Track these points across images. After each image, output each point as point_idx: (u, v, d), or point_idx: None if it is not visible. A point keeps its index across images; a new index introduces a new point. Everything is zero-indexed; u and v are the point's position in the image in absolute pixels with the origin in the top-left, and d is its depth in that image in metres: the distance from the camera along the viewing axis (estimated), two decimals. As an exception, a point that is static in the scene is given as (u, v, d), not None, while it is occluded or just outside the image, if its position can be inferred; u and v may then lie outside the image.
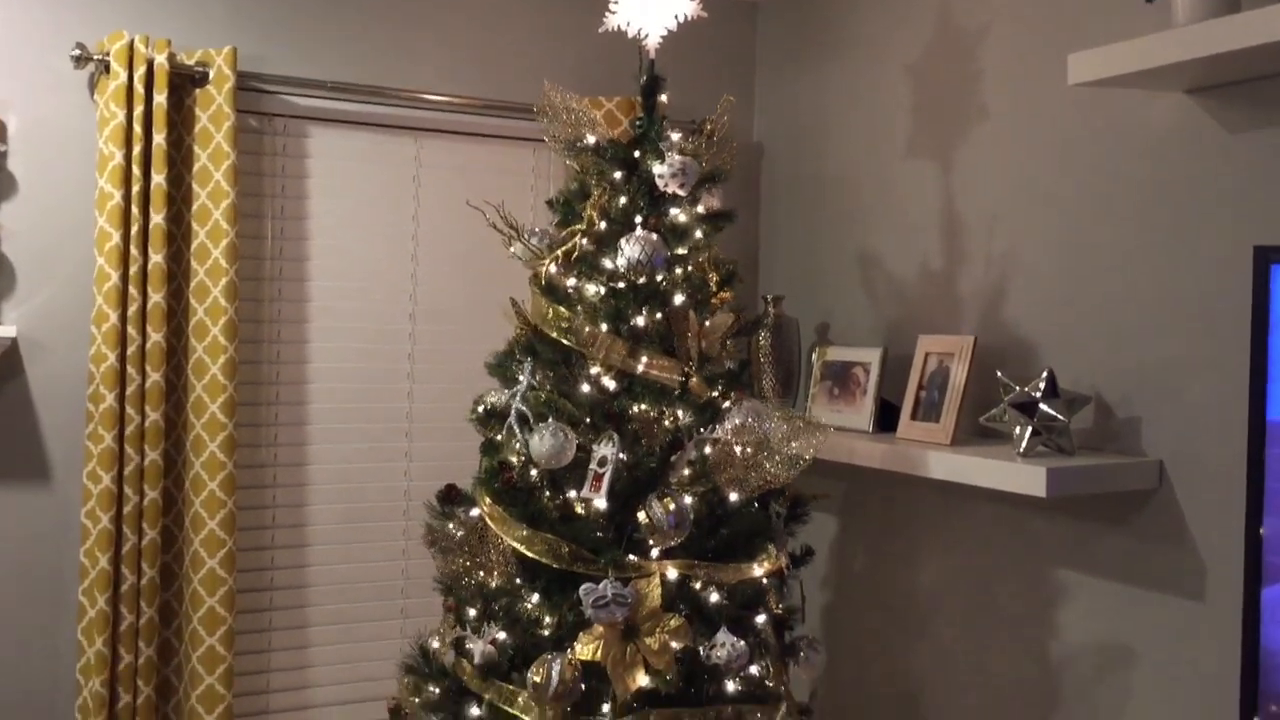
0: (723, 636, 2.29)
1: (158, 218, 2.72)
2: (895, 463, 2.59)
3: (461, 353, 3.22)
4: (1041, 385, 2.33)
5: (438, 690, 2.45)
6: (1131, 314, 2.36)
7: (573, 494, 2.33)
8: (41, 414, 2.77)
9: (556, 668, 2.18)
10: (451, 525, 2.52)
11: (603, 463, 2.28)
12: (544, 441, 2.28)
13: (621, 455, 2.30)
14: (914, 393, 2.68)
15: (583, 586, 2.22)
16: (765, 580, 2.46)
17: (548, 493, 2.37)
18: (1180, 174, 2.27)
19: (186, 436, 2.80)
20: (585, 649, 2.21)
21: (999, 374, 2.41)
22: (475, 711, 2.37)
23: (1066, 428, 2.32)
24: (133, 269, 2.70)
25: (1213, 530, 2.19)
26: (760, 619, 2.44)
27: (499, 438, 2.47)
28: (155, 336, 2.72)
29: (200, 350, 2.78)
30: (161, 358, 2.74)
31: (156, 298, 2.72)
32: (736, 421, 2.34)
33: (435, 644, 2.54)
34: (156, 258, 2.72)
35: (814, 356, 3.02)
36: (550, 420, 2.32)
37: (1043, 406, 2.32)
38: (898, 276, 2.98)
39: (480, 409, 2.52)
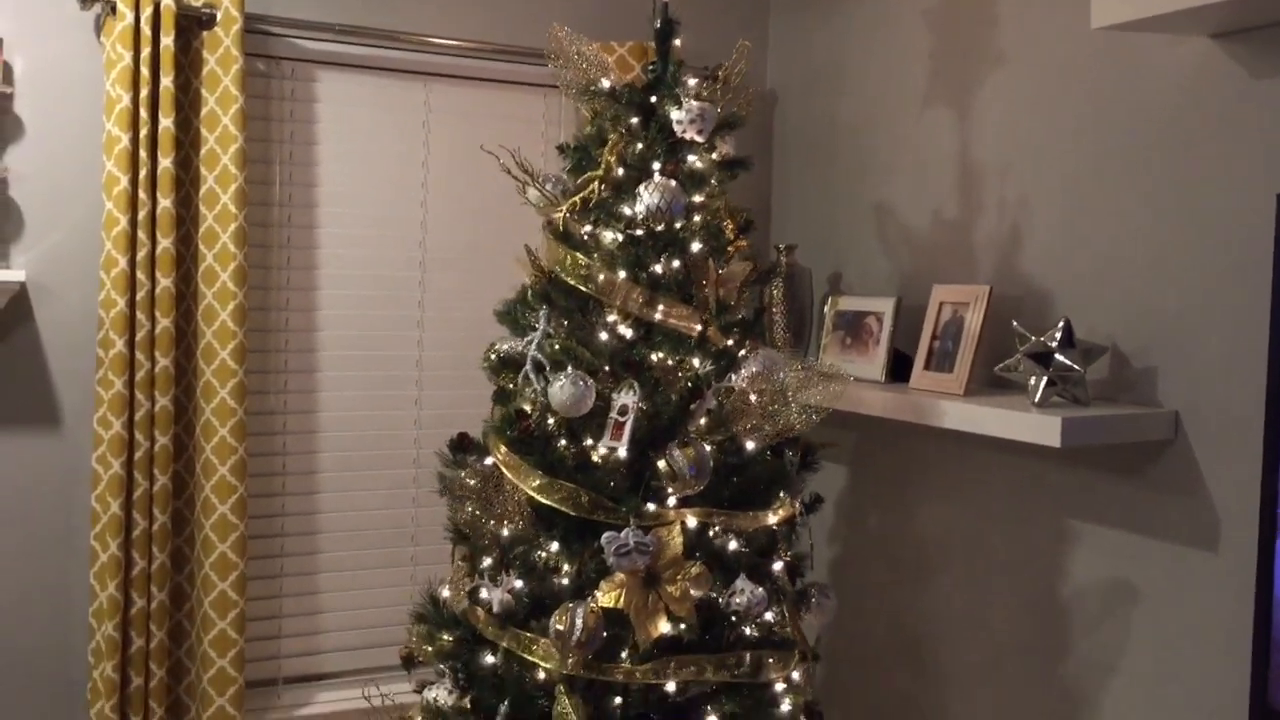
0: (741, 583, 2.31)
1: (166, 162, 2.69)
2: (908, 413, 2.58)
3: (471, 300, 3.20)
4: (1057, 335, 2.31)
5: (451, 639, 2.45)
6: (1150, 263, 2.34)
7: (589, 443, 2.31)
8: (51, 359, 2.77)
9: (580, 615, 2.19)
10: (464, 474, 2.52)
11: (623, 411, 2.27)
12: (564, 390, 2.27)
13: (641, 404, 2.28)
14: (928, 342, 2.66)
15: (605, 535, 2.21)
16: (777, 528, 2.45)
17: (563, 441, 2.35)
18: (1203, 121, 2.24)
19: (197, 383, 2.79)
20: (607, 597, 2.21)
21: (1014, 324, 2.39)
22: (489, 659, 2.37)
23: (1082, 378, 2.30)
24: (141, 214, 2.68)
25: (1228, 482, 2.18)
26: (777, 566, 2.46)
27: (511, 386, 2.45)
28: (165, 282, 2.71)
29: (210, 296, 2.77)
30: (171, 303, 2.72)
31: (165, 243, 2.70)
32: (753, 370, 2.33)
33: (446, 592, 2.55)
34: (165, 203, 2.69)
35: (826, 306, 3.00)
36: (569, 368, 2.31)
37: (1058, 356, 2.30)
38: (912, 225, 2.95)
39: (493, 357, 2.50)
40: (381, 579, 3.19)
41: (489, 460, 2.43)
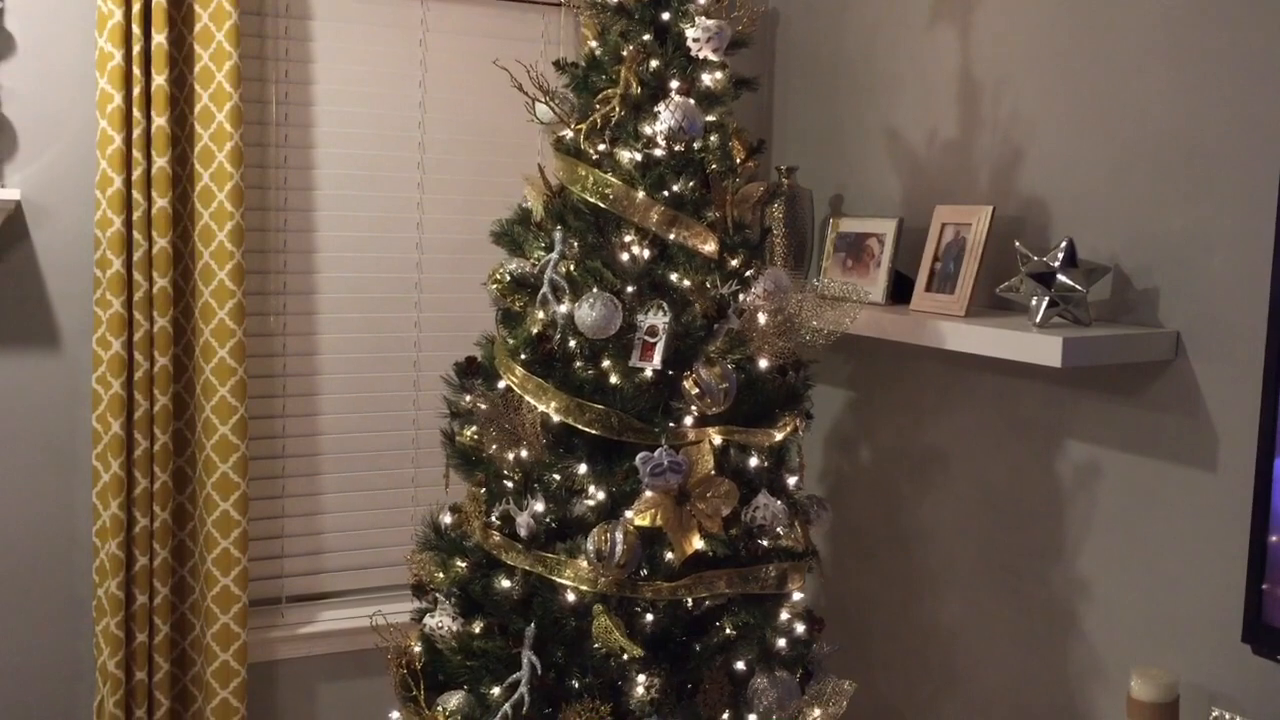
0: (763, 499, 2.35)
1: (160, 79, 2.65)
2: (908, 334, 2.57)
3: (470, 223, 3.18)
4: (1060, 255, 2.30)
5: (465, 565, 2.44)
6: (1155, 182, 2.31)
7: (606, 364, 2.31)
8: (49, 280, 2.75)
9: (620, 535, 2.21)
10: (469, 399, 2.51)
11: (653, 332, 2.27)
12: (594, 310, 2.26)
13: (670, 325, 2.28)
14: (929, 264, 2.65)
15: (640, 455, 2.23)
16: (783, 445, 2.48)
17: (579, 363, 2.35)
18: (1210, 34, 2.20)
19: (195, 303, 2.78)
20: (643, 516, 2.24)
21: (1017, 244, 2.38)
22: (505, 584, 2.37)
23: (1084, 298, 2.29)
24: (136, 132, 2.65)
25: (1227, 402, 2.19)
26: (791, 480, 2.51)
27: (519, 307, 2.43)
28: (160, 202, 2.69)
29: (206, 216, 2.75)
30: (167, 223, 2.70)
31: (161, 161, 2.67)
32: (762, 289, 2.35)
33: (447, 519, 2.55)
34: (160, 120, 2.66)
35: (828, 228, 2.98)
36: (594, 289, 2.29)
37: (1060, 277, 2.29)
38: (915, 146, 2.92)
39: (503, 278, 2.46)
40: (382, 500, 3.21)
41: (501, 384, 2.42)
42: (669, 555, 2.27)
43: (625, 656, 2.24)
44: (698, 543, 2.27)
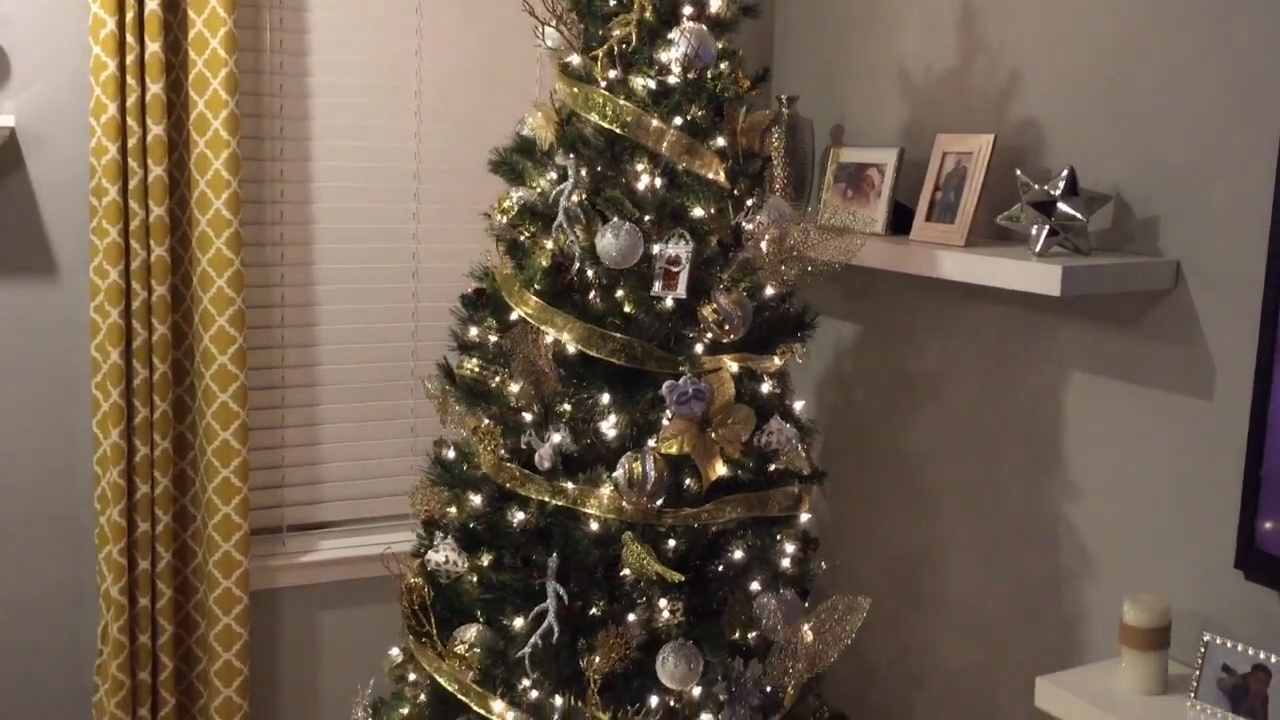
0: (774, 424, 2.40)
1: (153, 4, 2.62)
2: (907, 264, 2.57)
3: (469, 151, 3.15)
4: (1061, 184, 2.29)
5: (479, 498, 2.44)
6: (1157, 111, 2.30)
7: (620, 294, 2.31)
8: (45, 208, 2.74)
9: (650, 463, 2.22)
10: (477, 331, 2.50)
11: (675, 262, 2.27)
12: (619, 239, 2.25)
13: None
14: (929, 194, 2.64)
15: (666, 384, 2.26)
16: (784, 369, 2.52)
17: (594, 293, 2.34)
18: (1219, -38, 2.18)
19: (192, 232, 2.77)
20: (669, 444, 2.25)
21: (1018, 172, 2.37)
22: (521, 515, 2.37)
23: (1084, 227, 2.29)
24: (129, 58, 2.62)
25: (1225, 331, 2.19)
26: (798, 405, 2.54)
27: (526, 238, 2.42)
28: (156, 130, 2.66)
29: (202, 145, 2.72)
30: (163, 151, 2.68)
31: (155, 89, 2.65)
32: (766, 218, 2.35)
33: (451, 453, 2.55)
34: (153, 46, 2.63)
35: (828, 158, 2.96)
36: (615, 218, 2.28)
37: (1061, 205, 2.28)
38: (916, 75, 2.90)
39: (513, 208, 2.43)
40: (382, 431, 3.22)
41: (513, 316, 2.41)
42: (687, 482, 2.30)
43: (656, 581, 2.26)
44: (721, 468, 2.30)
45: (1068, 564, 2.54)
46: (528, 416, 2.37)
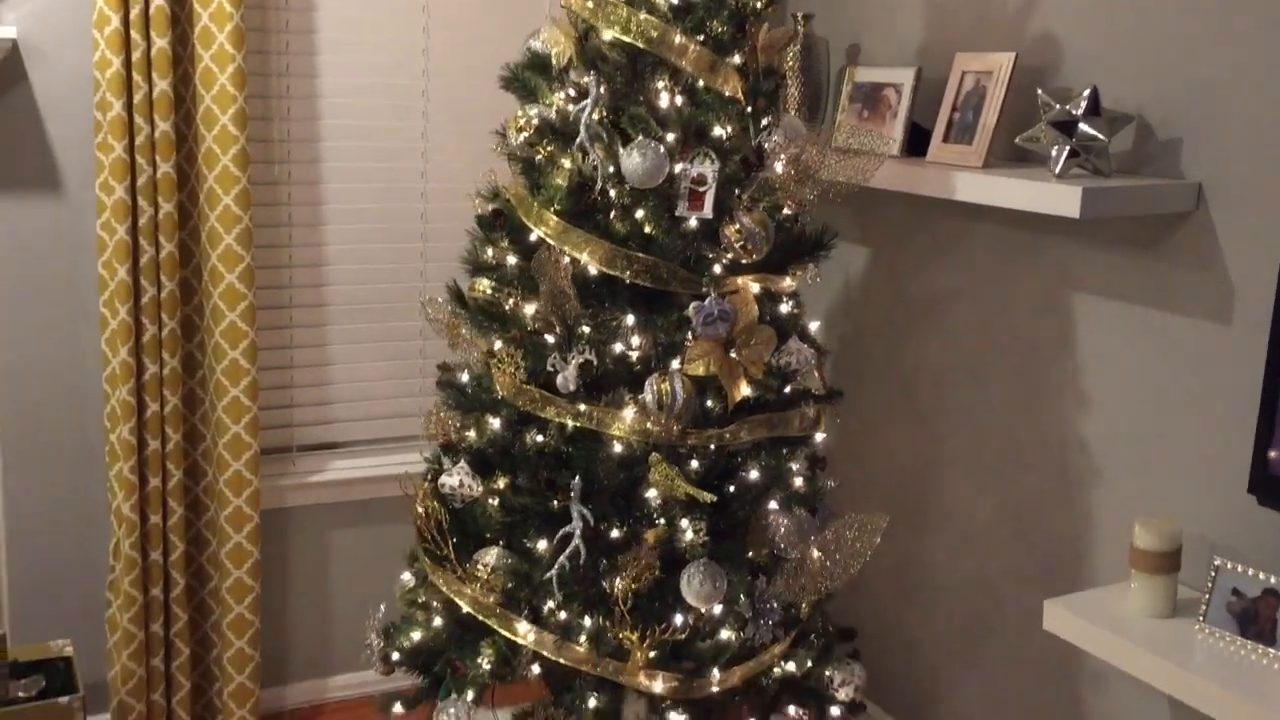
0: (794, 344, 2.41)
1: (155, -88, 2.56)
2: (923, 185, 2.53)
3: (479, 68, 3.10)
4: (1083, 103, 2.24)
5: (498, 422, 2.42)
6: (1182, 29, 2.24)
7: (641, 214, 2.28)
8: (49, 123, 2.70)
9: (679, 384, 2.21)
10: (492, 252, 2.47)
11: (700, 181, 2.25)
12: (645, 158, 2.22)
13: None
14: (947, 114, 2.59)
15: (693, 304, 2.25)
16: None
17: (614, 214, 2.31)
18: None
19: (198, 149, 2.73)
20: (695, 365, 2.25)
21: (1039, 92, 2.32)
22: (540, 438, 2.36)
23: (1105, 148, 2.25)
24: (132, -32, 2.57)
25: (1246, 255, 2.16)
26: (814, 325, 2.55)
27: (543, 156, 2.38)
28: (160, 42, 2.62)
29: (207, 59, 2.67)
30: (168, 65, 2.64)
31: (158, 0, 2.59)
32: (782, 137, 2.33)
33: (465, 377, 2.53)
34: (156, -44, 2.58)
35: (844, 78, 2.91)
36: (640, 136, 2.25)
37: (1082, 126, 2.24)
38: (936, -7, 2.84)
39: (530, 126, 2.38)
40: (390, 352, 3.21)
41: (532, 236, 2.38)
42: (709, 403, 2.30)
43: (678, 502, 2.27)
44: (745, 389, 2.30)
45: (1078, 488, 2.54)
46: (549, 339, 2.35)
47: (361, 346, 3.17)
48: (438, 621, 2.50)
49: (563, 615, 2.32)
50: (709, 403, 2.31)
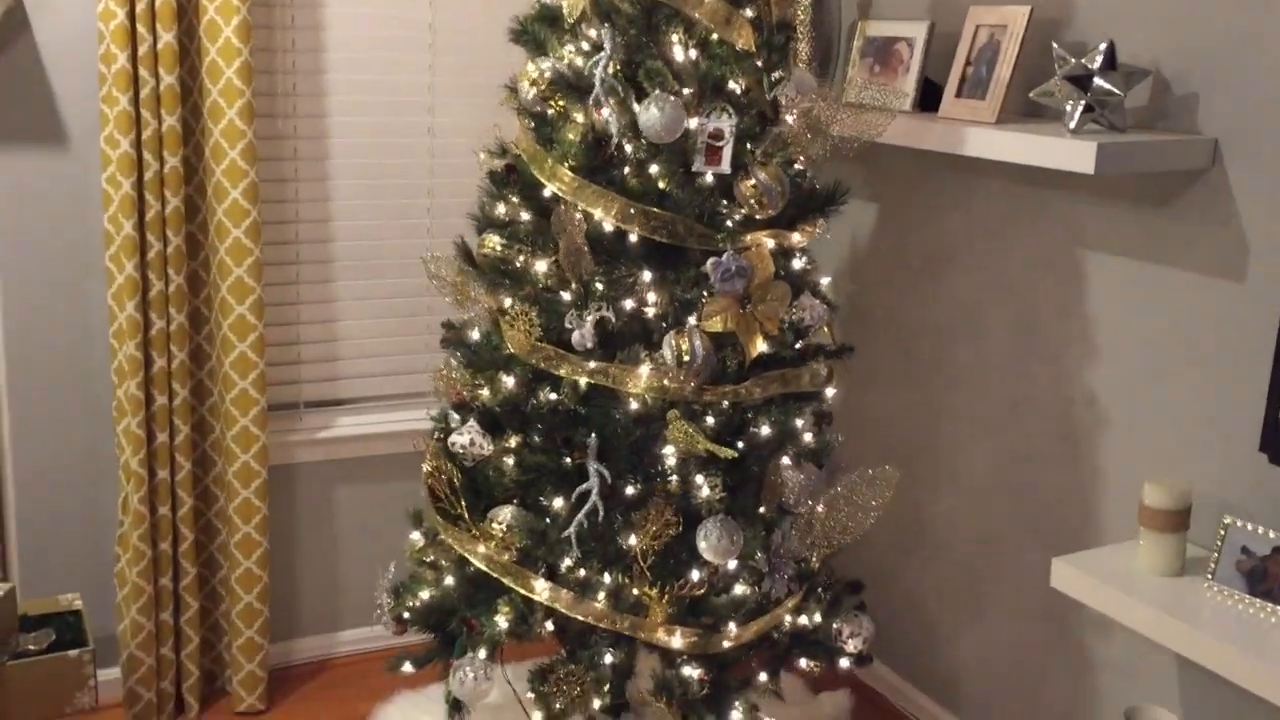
0: (806, 299, 2.41)
1: None
2: (936, 142, 2.50)
3: (485, 19, 3.06)
4: (1099, 57, 2.21)
5: (511, 380, 2.40)
6: (1202, -18, 2.22)
7: (655, 169, 2.26)
8: (53, 76, 2.68)
9: (698, 340, 2.21)
10: (505, 208, 2.45)
11: (718, 135, 2.23)
12: (663, 112, 2.20)
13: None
14: (960, 69, 2.56)
15: (710, 261, 2.24)
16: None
17: (628, 169, 2.29)
18: None
19: (203, 102, 2.71)
20: (714, 321, 2.24)
21: (1054, 45, 2.29)
22: (553, 396, 2.34)
23: (1121, 103, 2.22)
24: (135, -82, 2.53)
25: (1262, 212, 2.14)
26: (824, 281, 2.53)
27: (555, 111, 2.35)
28: (164, -6, 2.59)
29: (212, 11, 2.64)
30: (172, 17, 2.61)
31: (163, -50, 2.56)
32: (793, 91, 2.31)
33: (475, 334, 2.51)
34: (160, -95, 2.54)
35: (855, 32, 2.87)
36: (657, 90, 2.22)
37: (1098, 80, 2.21)
38: (950, -55, 2.80)
39: (543, 80, 2.35)
40: (397, 309, 3.19)
41: (546, 192, 2.35)
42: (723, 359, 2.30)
43: (694, 459, 2.26)
44: (762, 345, 2.29)
45: (1085, 445, 2.53)
46: (565, 296, 2.33)
47: (368, 303, 3.16)
48: (449, 580, 2.49)
49: (581, 572, 2.32)
50: (723, 359, 2.30)
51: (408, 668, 2.54)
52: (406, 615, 2.50)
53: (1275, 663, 1.87)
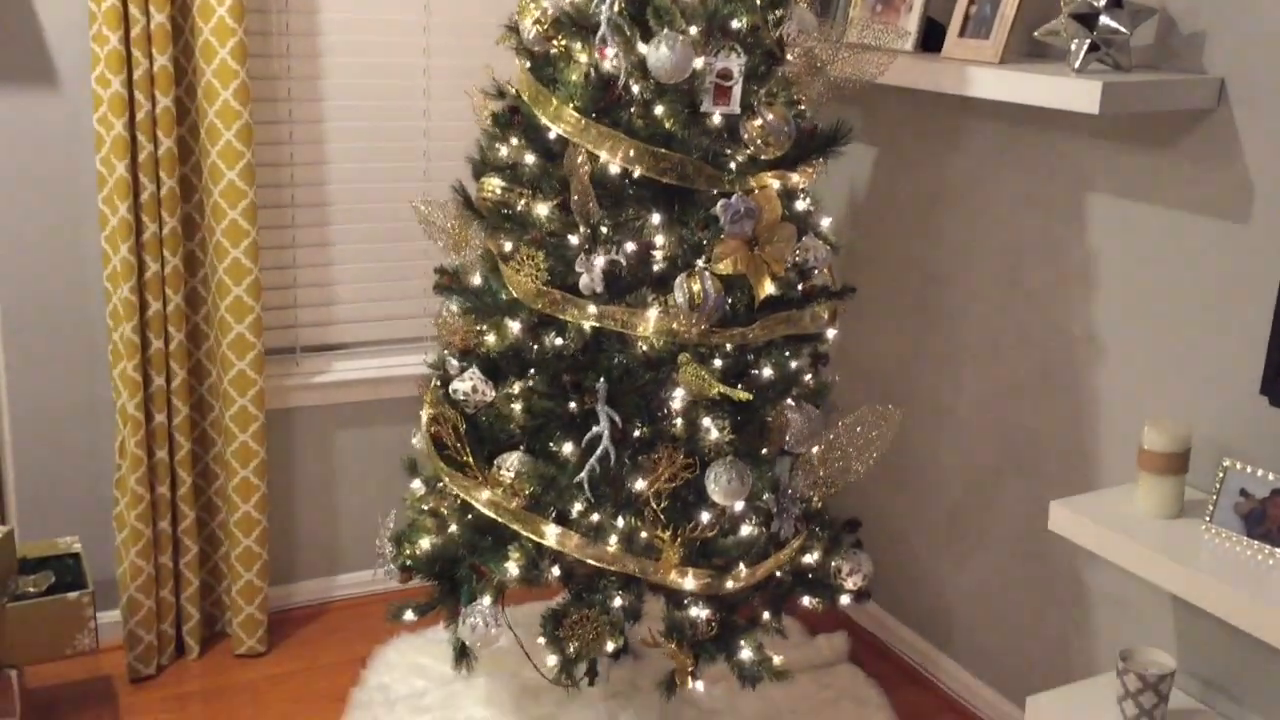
0: (809, 240, 2.39)
1: None
2: (938, 82, 2.47)
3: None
4: (1106, -5, 2.18)
5: (518, 325, 2.37)
6: (1211, -82, 2.18)
7: (660, 109, 2.23)
8: (42, 13, 2.63)
9: (710, 283, 2.19)
10: (507, 151, 2.41)
11: (726, 75, 2.20)
12: (673, 52, 2.16)
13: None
14: (964, 7, 2.52)
15: (720, 203, 2.22)
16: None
17: (633, 110, 2.25)
18: None
19: (195, 42, 2.66)
20: (724, 264, 2.23)
21: (1060, -17, 2.26)
22: (559, 341, 2.32)
23: (1127, 42, 2.19)
24: None
25: (1267, 152, 2.12)
26: (825, 221, 2.51)
27: (558, 50, 2.31)
28: (154, -71, 2.54)
29: (203, -52, 2.60)
30: (162, -47, 2.57)
31: (152, -116, 2.51)
32: (794, 30, 2.27)
33: (477, 279, 2.47)
34: None
35: (857, -29, 2.83)
36: (665, 29, 2.19)
37: (1104, 19, 2.18)
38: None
39: (545, 18, 2.30)
40: (393, 253, 3.17)
41: (553, 133, 2.31)
42: (730, 301, 2.28)
43: (702, 402, 2.26)
44: (770, 287, 2.28)
45: (1085, 388, 2.52)
46: (573, 240, 2.31)
47: (364, 246, 3.14)
48: (452, 528, 2.47)
49: (595, 517, 2.31)
50: (730, 301, 2.28)
51: (410, 616, 2.52)
52: (409, 563, 2.49)
53: (1272, 603, 1.88)
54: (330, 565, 3.27)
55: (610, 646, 2.33)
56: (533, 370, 2.38)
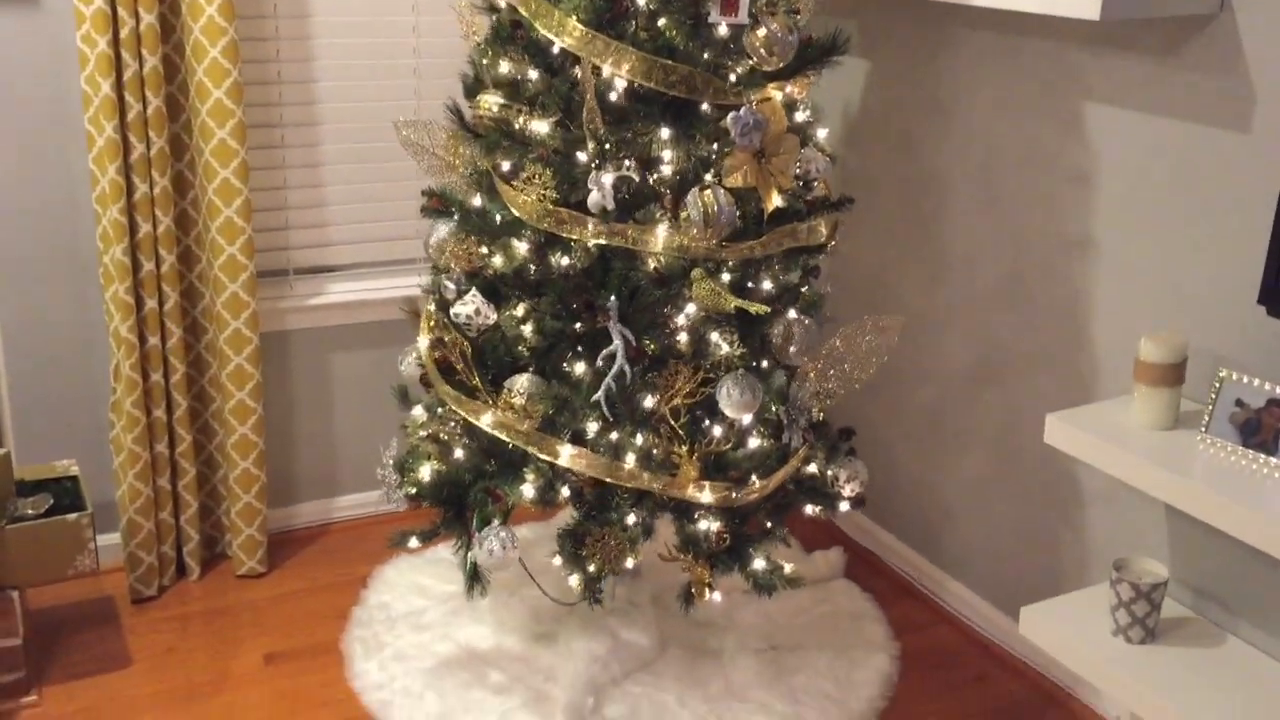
0: (809, 152, 2.41)
1: None
2: (936, -9, 2.43)
3: None
4: (1107, -102, 2.13)
5: (525, 245, 2.32)
6: None
7: (663, 21, 2.19)
8: (19, -72, 2.58)
9: (721, 195, 2.18)
10: (509, 66, 2.35)
11: None
12: None
13: None
14: (963, -86, 2.47)
15: (730, 115, 2.19)
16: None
17: (636, 22, 2.21)
18: None
19: (178, -44, 2.61)
20: (734, 177, 2.21)
21: (1061, -114, 2.20)
22: (565, 260, 2.29)
23: (1129, -54, 2.15)
24: None
25: (1270, 60, 2.08)
26: (821, 133, 2.48)
27: None
28: None
29: None
30: None
31: None
32: None
33: (478, 201, 2.42)
34: None
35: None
36: None
37: (1106, -78, 2.13)
38: None
39: None
40: (385, 173, 3.14)
41: (556, 47, 2.26)
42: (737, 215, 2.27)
43: (710, 317, 2.26)
44: (778, 199, 2.26)
45: (1081, 302, 2.52)
46: (581, 156, 2.26)
47: (356, 166, 3.10)
48: (458, 453, 2.45)
49: (613, 435, 2.31)
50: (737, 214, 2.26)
51: (414, 544, 2.48)
52: (416, 490, 2.46)
53: (1266, 512, 1.88)
54: (329, 487, 3.28)
55: (630, 563, 2.34)
56: (540, 291, 2.36)
